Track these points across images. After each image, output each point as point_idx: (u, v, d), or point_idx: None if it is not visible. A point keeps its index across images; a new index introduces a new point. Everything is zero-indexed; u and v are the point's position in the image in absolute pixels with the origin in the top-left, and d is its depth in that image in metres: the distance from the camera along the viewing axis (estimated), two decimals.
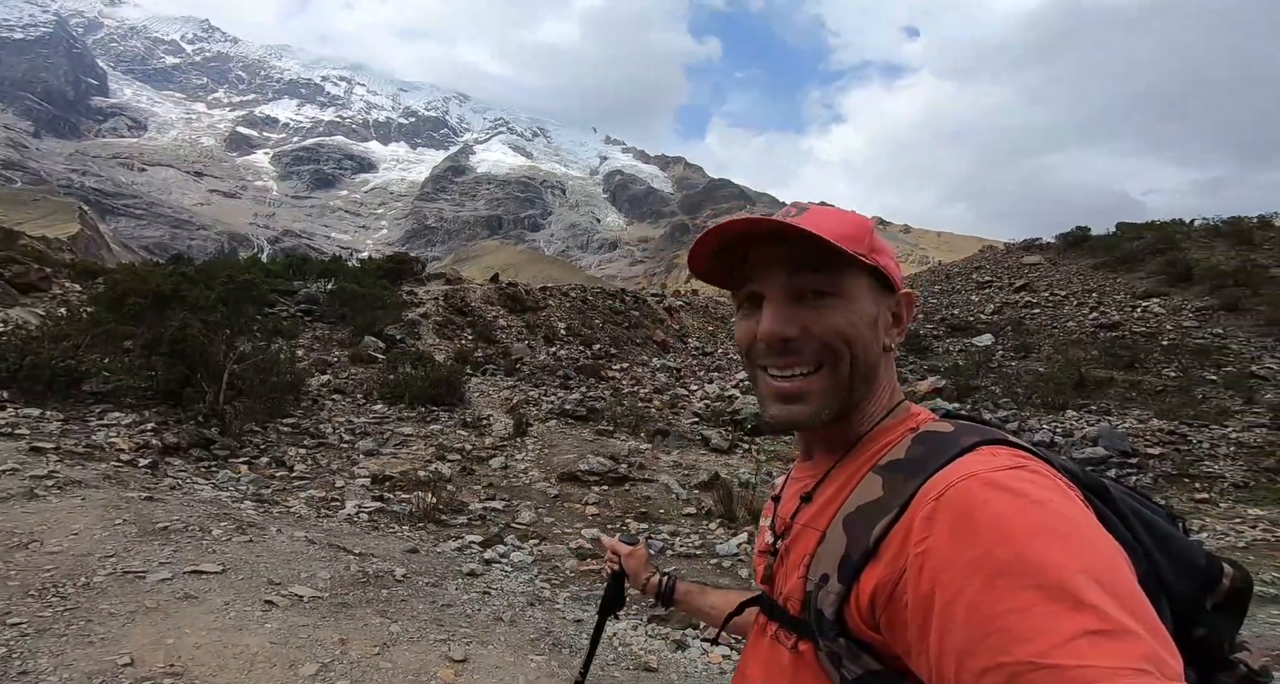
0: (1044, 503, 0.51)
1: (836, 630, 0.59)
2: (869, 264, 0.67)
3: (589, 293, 22.00)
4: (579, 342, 17.60)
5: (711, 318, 25.70)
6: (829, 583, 0.61)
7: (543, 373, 12.07)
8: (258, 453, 5.46)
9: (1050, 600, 0.44)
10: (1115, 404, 15.49)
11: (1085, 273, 27.22)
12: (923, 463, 0.59)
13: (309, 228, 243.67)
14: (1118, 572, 0.47)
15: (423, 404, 7.57)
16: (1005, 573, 0.46)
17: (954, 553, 0.50)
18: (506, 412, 8.17)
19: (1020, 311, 24.02)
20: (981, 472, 0.54)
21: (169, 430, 5.23)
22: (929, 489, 0.56)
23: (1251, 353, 17.97)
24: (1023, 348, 20.42)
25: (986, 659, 0.45)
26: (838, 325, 0.66)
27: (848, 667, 0.59)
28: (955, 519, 0.52)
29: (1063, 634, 0.43)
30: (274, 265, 16.92)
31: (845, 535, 0.61)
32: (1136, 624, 0.44)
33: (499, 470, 6.20)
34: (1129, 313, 21.96)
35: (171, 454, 4.95)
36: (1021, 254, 32.51)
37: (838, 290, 0.67)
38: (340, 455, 5.90)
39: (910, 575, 0.53)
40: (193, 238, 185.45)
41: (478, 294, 17.81)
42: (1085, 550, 0.48)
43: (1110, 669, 0.41)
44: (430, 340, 14.05)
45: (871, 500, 0.60)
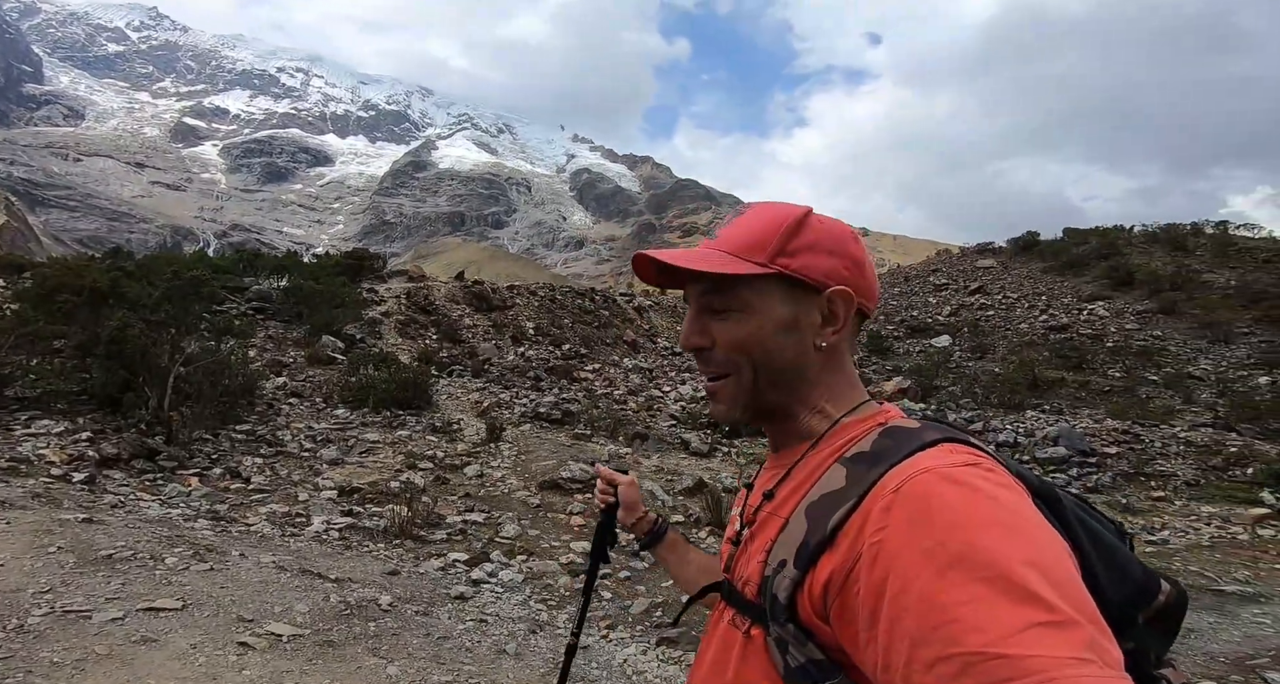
0: (996, 498, 0.52)
1: (787, 615, 0.60)
2: (768, 273, 0.68)
3: (558, 292, 21.69)
4: (548, 341, 17.30)
5: (679, 317, 25.79)
6: (786, 568, 0.62)
7: (512, 374, 11.76)
8: (209, 463, 5.04)
9: (999, 592, 0.45)
10: (1066, 404, 16.13)
11: (1035, 276, 28.36)
12: (885, 455, 0.61)
13: (259, 222, 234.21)
14: (1062, 565, 0.49)
15: (388, 408, 7.18)
16: (957, 564, 0.48)
17: (908, 543, 0.52)
18: (477, 415, 7.87)
19: (976, 314, 24.86)
20: (939, 466, 0.55)
21: (107, 440, 4.78)
22: (887, 481, 0.57)
23: (1187, 355, 19.02)
24: (979, 349, 21.12)
25: (938, 649, 0.45)
26: (735, 338, 0.70)
27: (792, 654, 0.60)
28: (911, 510, 0.53)
29: (1012, 625, 0.44)
30: (223, 261, 16.04)
31: (806, 522, 0.62)
32: (1080, 615, 0.45)
33: (475, 479, 5.91)
34: (1076, 315, 22.97)
35: (111, 466, 4.50)
36: (976, 258, 33.66)
37: (735, 305, 0.70)
38: (301, 465, 5.51)
39: (864, 563, 0.54)
40: (132, 231, 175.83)
41: (442, 292, 17.32)
42: (1033, 545, 0.49)
43: (1057, 658, 0.42)
44: (392, 340, 13.57)
45: (834, 490, 0.62)
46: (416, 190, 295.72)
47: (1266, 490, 7.19)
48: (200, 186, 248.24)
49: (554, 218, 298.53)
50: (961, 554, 0.48)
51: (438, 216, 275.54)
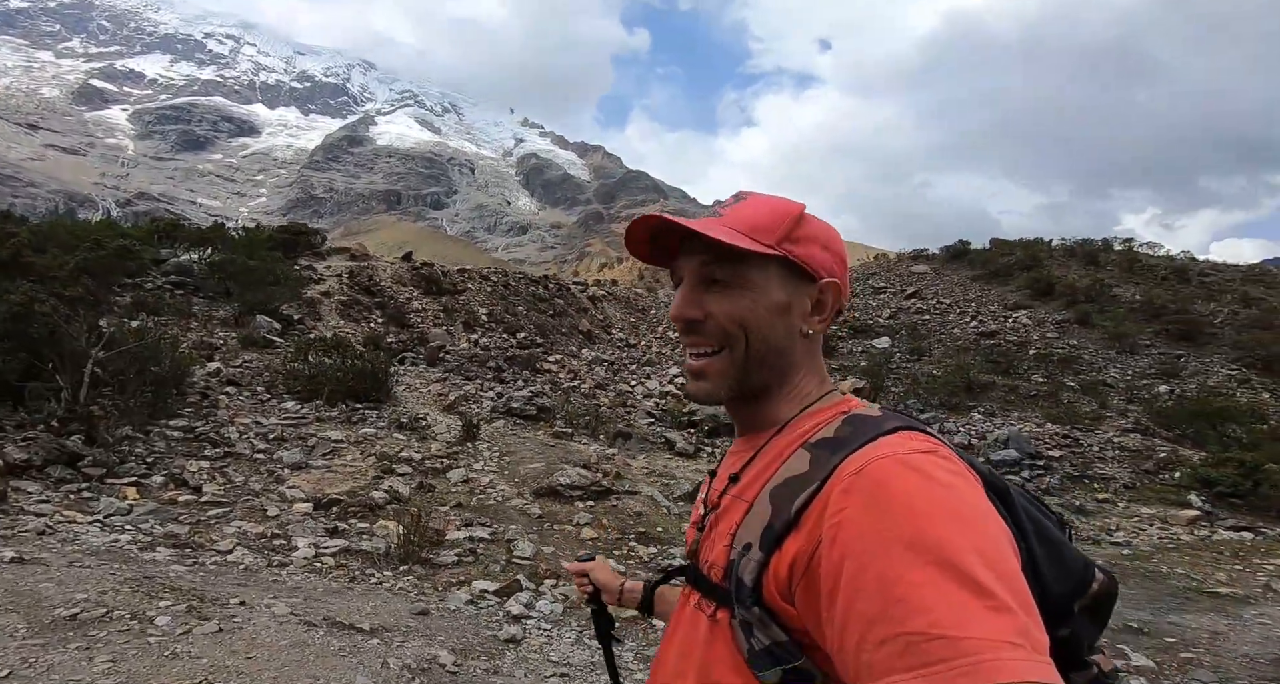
0: (949, 486, 0.54)
1: (753, 599, 0.61)
2: (775, 254, 0.69)
3: (511, 278, 20.99)
4: (502, 329, 16.69)
5: (633, 309, 25.51)
6: (751, 551, 0.62)
7: (471, 363, 11.17)
8: (145, 469, 4.24)
9: (946, 577, 0.48)
10: (998, 406, 17.10)
11: (965, 284, 29.97)
12: (847, 441, 0.62)
13: (170, 191, 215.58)
14: (1004, 555, 0.51)
15: (343, 401, 6.50)
16: (909, 548, 0.50)
17: (865, 526, 0.53)
18: (443, 409, 7.28)
19: (913, 317, 26.00)
20: (898, 452, 0.57)
21: (10, 441, 3.91)
22: (848, 465, 0.59)
23: (1099, 363, 20.61)
24: (917, 351, 22.06)
25: (886, 628, 0.48)
26: (734, 311, 0.70)
27: (757, 636, 0.60)
28: (869, 494, 0.55)
29: (953, 608, 0.47)
30: (136, 230, 14.40)
31: (770, 506, 0.63)
32: (1015, 603, 0.48)
33: (462, 486, 5.30)
34: (1003, 323, 24.42)
35: (20, 476, 3.65)
36: (911, 264, 35.21)
37: (739, 280, 0.71)
38: (257, 470, 4.75)
39: (825, 545, 0.55)
40: (18, 195, 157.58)
41: (388, 273, 16.34)
42: (980, 534, 0.51)
43: (990, 641, 0.45)
44: (333, 322, 12.64)
45: (798, 474, 0.63)
46: (350, 166, 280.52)
47: (1193, 494, 7.72)
48: (103, 152, 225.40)
49: (497, 201, 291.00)
50: (914, 539, 0.50)
51: (372, 194, 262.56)
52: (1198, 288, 26.06)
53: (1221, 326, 21.83)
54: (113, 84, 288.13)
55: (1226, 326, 21.80)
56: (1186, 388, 17.85)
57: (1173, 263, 29.28)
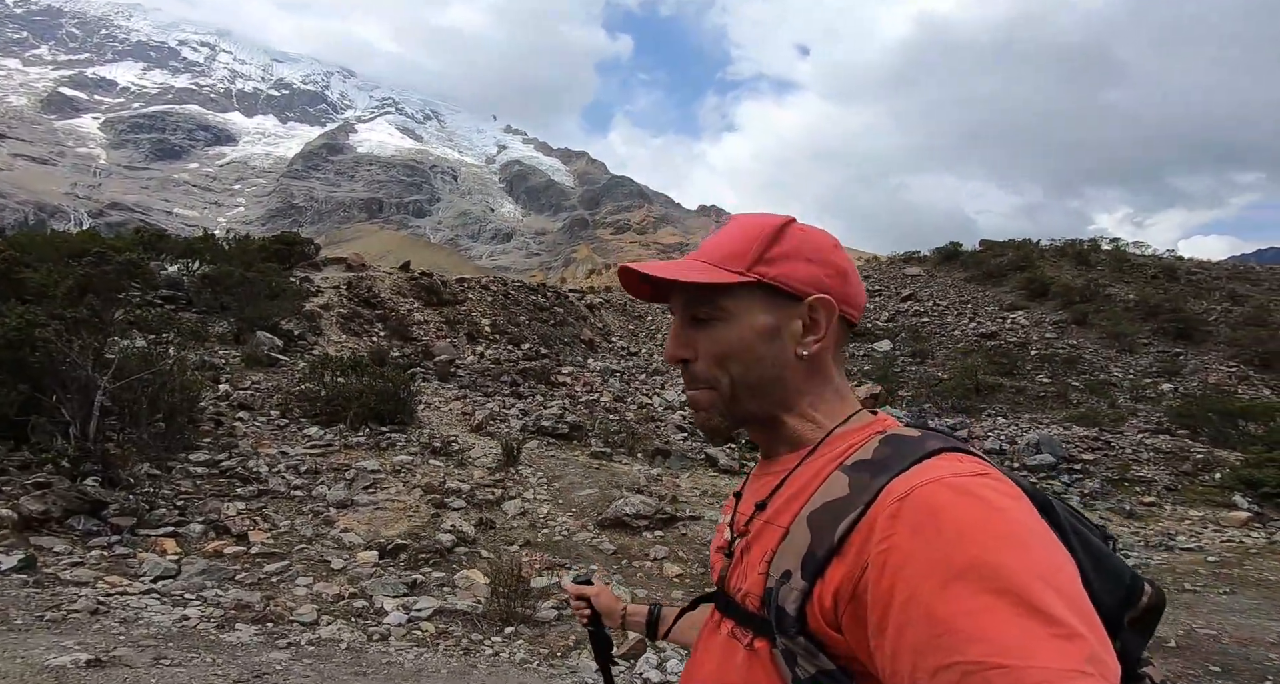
0: (1004, 510, 0.53)
1: (797, 628, 0.59)
2: (747, 280, 0.68)
3: (510, 287, 20.61)
4: (506, 340, 16.28)
5: (630, 316, 25.20)
6: (792, 579, 0.60)
7: (484, 378, 10.74)
8: (178, 514, 3.71)
9: (1005, 604, 0.46)
10: (1008, 408, 17.04)
11: (959, 285, 30.12)
12: (888, 463, 0.60)
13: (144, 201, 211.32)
14: (1068, 577, 0.50)
15: (366, 424, 6.03)
16: (964, 575, 0.48)
17: (915, 552, 0.51)
18: (471, 431, 6.85)
19: (911, 320, 26.01)
20: (947, 476, 0.55)
21: (20, 487, 3.39)
22: (894, 489, 0.57)
23: (1100, 362, 20.72)
24: (919, 354, 22.02)
25: (941, 657, 0.46)
26: (716, 348, 0.70)
27: (802, 666, 0.59)
28: (919, 520, 0.53)
29: (1015, 636, 0.45)
30: (119, 241, 13.76)
31: (809, 532, 0.61)
32: (1085, 628, 0.46)
33: (521, 519, 4.83)
34: (1001, 323, 24.50)
35: (40, 531, 3.14)
36: (903, 265, 35.38)
37: (717, 315, 0.69)
38: (299, 510, 4.23)
39: (872, 573, 0.54)
40: None
41: (387, 284, 15.87)
42: (1040, 557, 0.50)
43: (1057, 670, 0.43)
44: (335, 336, 12.15)
45: (837, 498, 0.61)
46: (330, 174, 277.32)
47: (1239, 495, 7.56)
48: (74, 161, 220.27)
49: (481, 208, 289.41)
50: (969, 565, 0.48)
51: (353, 202, 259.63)
52: (1186, 286, 26.41)
53: (1216, 324, 22.08)
54: (83, 92, 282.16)
55: (1221, 324, 22.05)
56: (1189, 385, 17.96)
57: (1161, 262, 29.70)
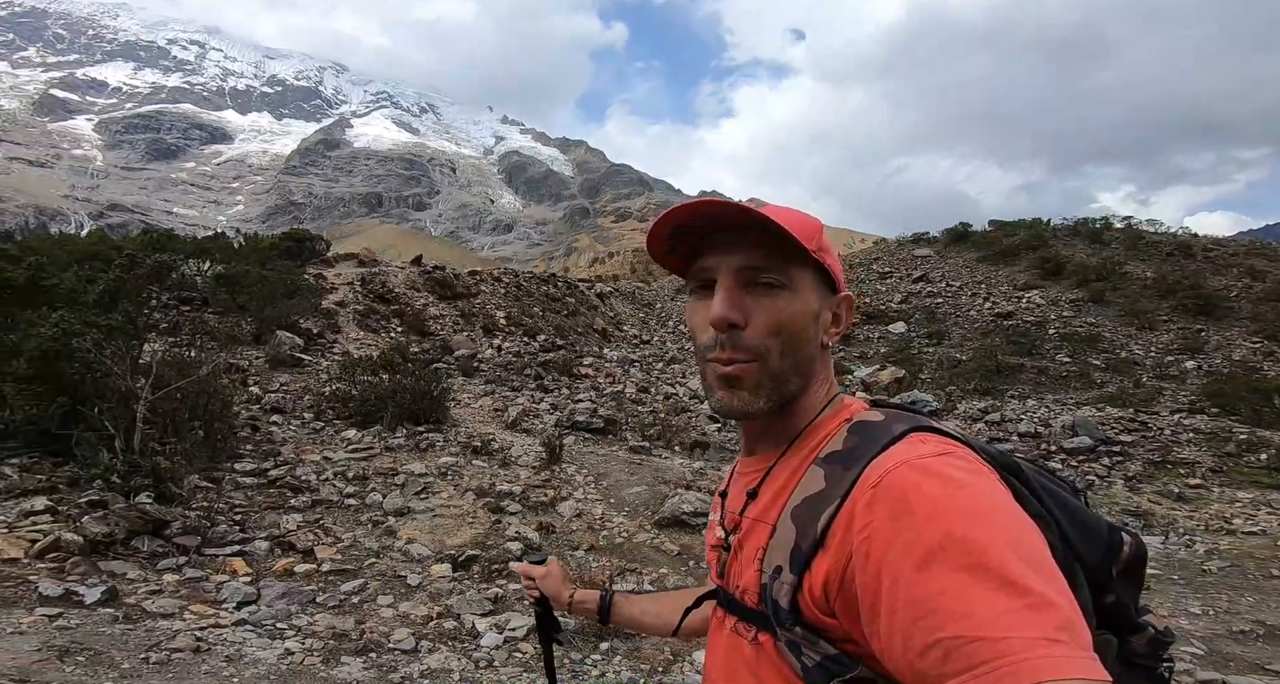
0: (969, 485, 0.54)
1: (793, 619, 0.61)
2: (817, 260, 0.69)
3: (522, 278, 20.45)
4: (522, 332, 16.14)
5: (639, 304, 25.04)
6: (782, 574, 0.62)
7: (507, 372, 10.60)
8: (239, 531, 3.51)
9: (978, 579, 0.48)
10: (1030, 389, 16.85)
11: (971, 266, 29.77)
12: (858, 452, 0.62)
13: (144, 202, 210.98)
14: (1035, 547, 0.52)
15: (401, 424, 5.90)
16: (938, 554, 0.50)
17: (892, 537, 0.53)
18: (506, 427, 6.72)
19: (925, 301, 25.74)
20: (913, 459, 0.57)
21: (84, 512, 3.17)
22: (867, 477, 0.58)
23: (1120, 341, 20.45)
24: (935, 335, 21.80)
25: (926, 636, 0.48)
26: (775, 318, 0.68)
27: (807, 654, 0.60)
28: (892, 504, 0.55)
29: (991, 609, 0.47)
30: (127, 242, 13.61)
31: (794, 527, 0.62)
32: (1054, 594, 0.48)
33: (578, 521, 4.66)
34: (1017, 303, 24.22)
35: (105, 555, 2.95)
36: (912, 247, 34.98)
37: (785, 282, 0.68)
38: (357, 520, 4.09)
39: (857, 561, 0.55)
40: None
41: (400, 278, 15.71)
42: (1009, 530, 0.52)
43: (1031, 639, 0.45)
44: (353, 333, 12.02)
45: (815, 492, 0.62)
46: (329, 170, 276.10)
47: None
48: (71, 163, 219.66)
49: (481, 200, 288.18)
50: (941, 545, 0.50)
51: (353, 197, 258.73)
52: (1204, 263, 26.01)
53: (1237, 300, 21.77)
54: (75, 94, 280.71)
55: (1242, 299, 21.73)
56: (1213, 363, 17.72)
57: (1176, 239, 29.26)
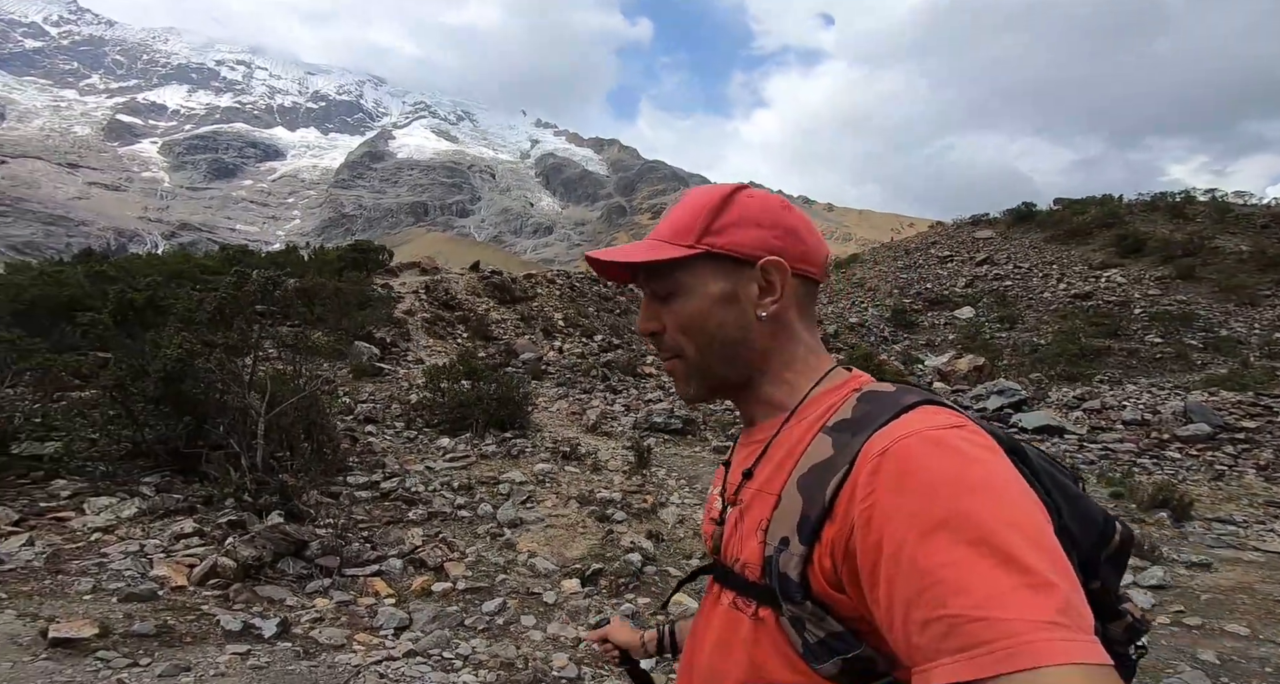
0: (980, 460, 0.53)
1: (802, 593, 0.59)
2: (695, 253, 0.69)
3: (574, 279, 20.49)
4: (580, 333, 16.14)
5: None
6: (790, 545, 0.60)
7: (574, 374, 10.57)
8: (370, 548, 3.45)
9: (983, 555, 0.47)
10: (1121, 372, 15.75)
11: (1039, 246, 28.18)
12: (867, 420, 0.61)
13: (210, 220, 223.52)
14: (1043, 529, 0.50)
15: (488, 430, 5.90)
16: (944, 527, 0.49)
17: (896, 506, 0.52)
18: (587, 431, 6.67)
19: (992, 284, 24.50)
20: (924, 429, 0.56)
21: (226, 532, 3.22)
22: (873, 444, 0.57)
23: (1217, 318, 18.92)
24: (1008, 319, 20.70)
25: (927, 611, 0.47)
26: (679, 321, 0.71)
27: (810, 630, 0.59)
28: (898, 474, 0.53)
29: (995, 587, 0.45)
30: (209, 260, 14.29)
31: (801, 497, 0.61)
32: (1057, 578, 0.47)
33: (681, 527, 4.51)
34: (1095, 283, 22.75)
35: (257, 578, 2.94)
36: (972, 229, 33.44)
37: (672, 289, 0.72)
38: (474, 533, 4.03)
39: (858, 529, 0.54)
40: (72, 235, 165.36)
41: (461, 285, 15.93)
42: (1016, 508, 0.50)
43: (1033, 621, 0.44)
44: (423, 341, 12.22)
45: (823, 460, 0.61)
46: (375, 181, 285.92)
47: None
48: (142, 186, 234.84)
49: (521, 204, 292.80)
50: (947, 517, 0.49)
51: (399, 207, 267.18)
52: None
53: None
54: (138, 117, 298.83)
55: None
56: None
57: (1271, 210, 26.87)
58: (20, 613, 2.39)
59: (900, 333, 21.43)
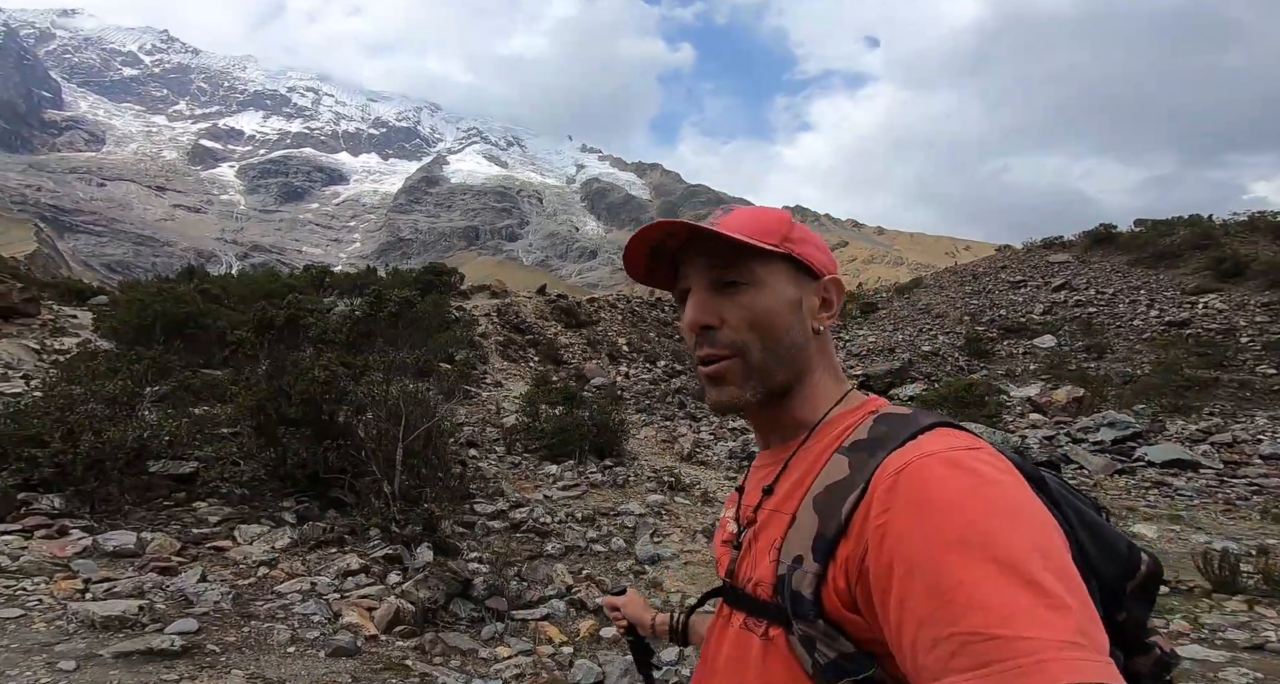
0: (997, 483, 0.53)
1: (815, 612, 0.59)
2: (780, 252, 0.70)
3: (634, 303, 20.46)
4: (643, 358, 15.97)
5: None
6: (804, 563, 0.60)
7: (649, 400, 10.38)
8: (527, 587, 3.30)
9: (999, 575, 0.47)
10: (1232, 405, 14.44)
11: (1122, 270, 26.60)
12: (884, 441, 0.61)
13: (279, 242, 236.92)
14: (1057, 550, 0.50)
15: (588, 457, 5.75)
16: (957, 546, 0.49)
17: (911, 526, 0.52)
18: (682, 459, 6.47)
19: (1073, 311, 23.14)
20: (941, 450, 0.56)
21: (388, 568, 3.08)
22: (889, 464, 0.57)
23: None
24: (1095, 348, 19.44)
25: (939, 629, 0.47)
26: (748, 314, 0.69)
27: (821, 651, 0.59)
28: (914, 493, 0.53)
29: (1009, 607, 0.45)
30: (297, 280, 14.90)
31: (816, 515, 0.61)
32: (1073, 600, 0.46)
33: None
34: (1191, 309, 21.17)
35: (434, 622, 2.81)
36: (1045, 253, 31.99)
37: (749, 279, 0.70)
38: (614, 568, 3.86)
39: (871, 547, 0.54)
40: (157, 255, 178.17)
41: (529, 308, 16.09)
42: (1032, 530, 0.50)
43: (1048, 641, 0.43)
44: (497, 364, 12.28)
45: (838, 479, 0.61)
46: (430, 206, 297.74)
47: None
48: (220, 208, 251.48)
49: (566, 228, 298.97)
50: (963, 537, 0.49)
51: (452, 231, 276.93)
52: None
53: None
54: (219, 143, 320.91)
55: None
56: None
57: None
58: (248, 674, 2.35)
59: (975, 362, 20.39)
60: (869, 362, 19.14)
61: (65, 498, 3.41)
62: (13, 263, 25.46)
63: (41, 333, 11.22)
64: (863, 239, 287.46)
